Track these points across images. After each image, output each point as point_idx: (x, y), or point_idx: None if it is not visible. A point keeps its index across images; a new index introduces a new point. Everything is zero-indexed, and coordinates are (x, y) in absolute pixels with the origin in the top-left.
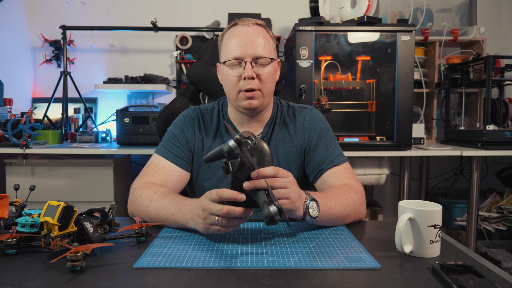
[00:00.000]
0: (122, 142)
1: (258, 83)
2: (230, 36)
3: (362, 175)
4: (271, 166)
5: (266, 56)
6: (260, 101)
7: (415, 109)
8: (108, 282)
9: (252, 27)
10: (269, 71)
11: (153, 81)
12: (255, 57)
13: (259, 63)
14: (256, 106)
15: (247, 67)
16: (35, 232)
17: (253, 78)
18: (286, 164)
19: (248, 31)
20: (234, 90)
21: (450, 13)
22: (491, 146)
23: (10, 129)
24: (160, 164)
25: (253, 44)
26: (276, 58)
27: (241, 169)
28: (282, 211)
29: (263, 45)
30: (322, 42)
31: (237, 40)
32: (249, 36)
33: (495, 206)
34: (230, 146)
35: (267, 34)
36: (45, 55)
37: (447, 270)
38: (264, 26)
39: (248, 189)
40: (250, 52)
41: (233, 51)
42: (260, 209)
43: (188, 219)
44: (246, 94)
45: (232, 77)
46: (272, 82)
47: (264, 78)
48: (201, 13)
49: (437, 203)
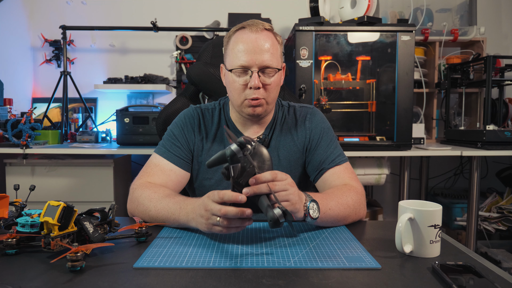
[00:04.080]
0: (122, 142)
1: (264, 92)
2: (237, 41)
3: (362, 175)
4: (269, 171)
5: (274, 66)
6: (264, 108)
7: (415, 109)
8: (108, 282)
9: (261, 33)
10: (275, 81)
11: (153, 81)
12: (263, 67)
13: (266, 73)
14: (260, 113)
15: (253, 76)
16: (35, 232)
17: (259, 88)
18: (288, 164)
19: (256, 39)
20: (239, 97)
21: (450, 13)
22: (491, 146)
23: (10, 129)
24: (159, 164)
25: (261, 52)
26: (282, 64)
27: (242, 174)
28: (287, 213)
29: (270, 54)
30: (322, 42)
31: (244, 47)
32: (257, 44)
33: (495, 206)
34: (233, 150)
35: (275, 41)
36: (45, 55)
37: (447, 270)
38: (272, 31)
39: (249, 195)
40: (257, 61)
41: (240, 58)
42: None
43: (189, 219)
44: (251, 102)
45: (238, 85)
46: (277, 90)
47: (270, 87)
48: (201, 13)
49: (437, 203)
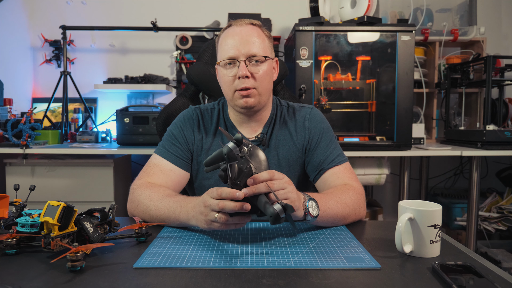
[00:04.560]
0: (122, 142)
1: (253, 82)
2: (225, 37)
3: (362, 175)
4: (265, 170)
5: (260, 54)
6: (257, 99)
7: (415, 109)
8: (108, 282)
9: (246, 27)
10: (264, 70)
11: (153, 81)
12: (249, 56)
13: (254, 62)
14: (252, 105)
15: (241, 66)
16: (35, 232)
17: (248, 77)
18: (287, 163)
19: (241, 31)
20: (230, 90)
21: (450, 13)
22: (491, 146)
23: (10, 129)
24: (159, 164)
25: (247, 43)
26: (273, 56)
27: (240, 176)
28: (287, 207)
29: (257, 44)
30: (322, 42)
31: (232, 40)
32: (243, 36)
33: (495, 206)
34: (230, 147)
35: (261, 33)
36: (45, 55)
37: (447, 270)
38: (259, 25)
39: (248, 196)
40: (244, 51)
41: (228, 51)
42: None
43: (189, 217)
44: (241, 93)
45: (228, 77)
46: (268, 80)
47: (259, 76)
48: (201, 13)
49: (437, 203)
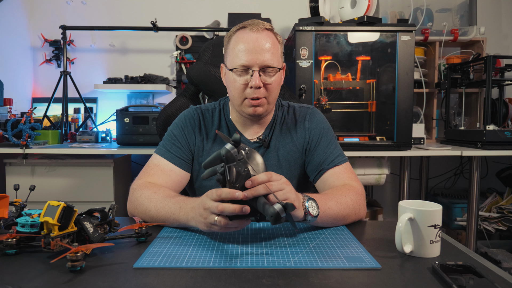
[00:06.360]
0: (122, 142)
1: (264, 92)
2: (238, 40)
3: (362, 175)
4: (263, 172)
5: (275, 66)
6: (265, 108)
7: (415, 109)
8: (108, 282)
9: (261, 33)
10: (276, 80)
11: (153, 81)
12: (263, 66)
13: (267, 72)
14: (260, 113)
15: (254, 76)
16: (35, 232)
17: (260, 87)
18: (287, 164)
19: (257, 38)
20: (239, 96)
21: (450, 13)
22: (491, 146)
23: (10, 129)
24: (160, 164)
25: (262, 52)
26: (283, 64)
27: (238, 178)
28: (288, 206)
29: (271, 53)
30: (322, 42)
31: (245, 46)
32: (258, 44)
33: (495, 206)
34: (227, 148)
35: (275, 41)
36: (45, 55)
37: (447, 270)
38: (272, 30)
39: (247, 198)
40: (258, 60)
41: (241, 58)
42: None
43: (189, 218)
44: (252, 102)
45: (238, 84)
46: (278, 89)
47: (271, 87)
48: (201, 13)
49: (437, 203)
